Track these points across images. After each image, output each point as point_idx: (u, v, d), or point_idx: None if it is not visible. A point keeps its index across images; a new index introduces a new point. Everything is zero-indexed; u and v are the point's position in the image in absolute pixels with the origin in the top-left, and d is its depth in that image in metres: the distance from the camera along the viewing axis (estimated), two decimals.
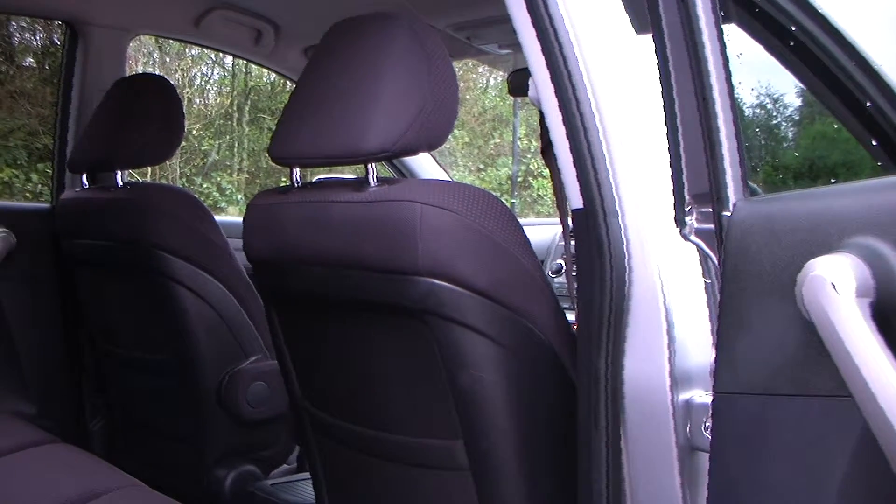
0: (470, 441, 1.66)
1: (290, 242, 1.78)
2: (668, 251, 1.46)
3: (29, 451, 2.25)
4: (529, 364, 1.63)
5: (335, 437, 1.94)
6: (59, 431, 2.63)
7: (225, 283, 2.53)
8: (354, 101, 1.66)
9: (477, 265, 1.56)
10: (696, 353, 1.45)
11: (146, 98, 2.61)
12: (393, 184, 1.65)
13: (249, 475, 2.60)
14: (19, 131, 8.68)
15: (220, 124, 10.27)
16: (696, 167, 1.41)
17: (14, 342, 3.02)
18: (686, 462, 1.45)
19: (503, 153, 11.17)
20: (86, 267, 2.80)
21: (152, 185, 2.71)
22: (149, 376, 2.71)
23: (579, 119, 1.47)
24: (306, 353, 1.96)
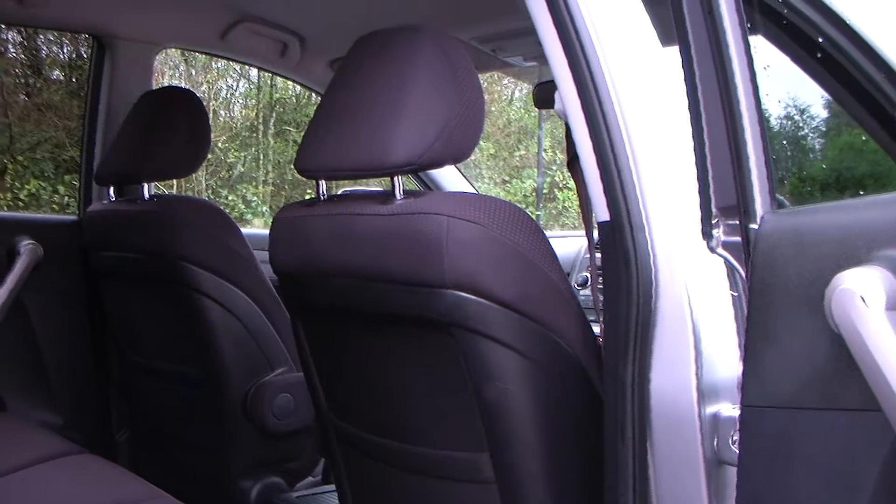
0: (496, 454, 1.65)
1: (316, 255, 1.78)
2: (695, 264, 1.45)
3: (56, 461, 2.26)
4: (556, 377, 1.62)
5: (361, 450, 1.94)
6: (86, 442, 2.64)
7: (251, 295, 2.53)
8: (381, 114, 1.66)
9: (503, 278, 1.56)
10: (723, 366, 1.44)
11: (173, 111, 2.62)
12: (419, 196, 1.65)
13: (275, 487, 2.60)
14: (46, 143, 8.74)
15: (245, 136, 10.31)
16: (723, 179, 1.41)
17: (42, 353, 3.04)
18: (713, 476, 1.44)
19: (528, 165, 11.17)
20: (113, 279, 2.81)
21: (179, 197, 2.72)
22: (175, 388, 2.72)
23: (605, 131, 1.47)
24: (332, 365, 1.96)
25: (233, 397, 2.55)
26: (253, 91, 10.61)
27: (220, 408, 2.57)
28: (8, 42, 8.84)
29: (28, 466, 2.21)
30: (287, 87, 10.38)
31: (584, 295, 3.05)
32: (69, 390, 3.09)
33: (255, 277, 2.55)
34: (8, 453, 2.29)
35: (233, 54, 3.45)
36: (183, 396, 2.70)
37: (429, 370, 1.71)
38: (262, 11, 3.07)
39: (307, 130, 1.82)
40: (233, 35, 3.15)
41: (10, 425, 2.62)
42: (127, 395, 3.06)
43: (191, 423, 2.74)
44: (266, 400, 2.53)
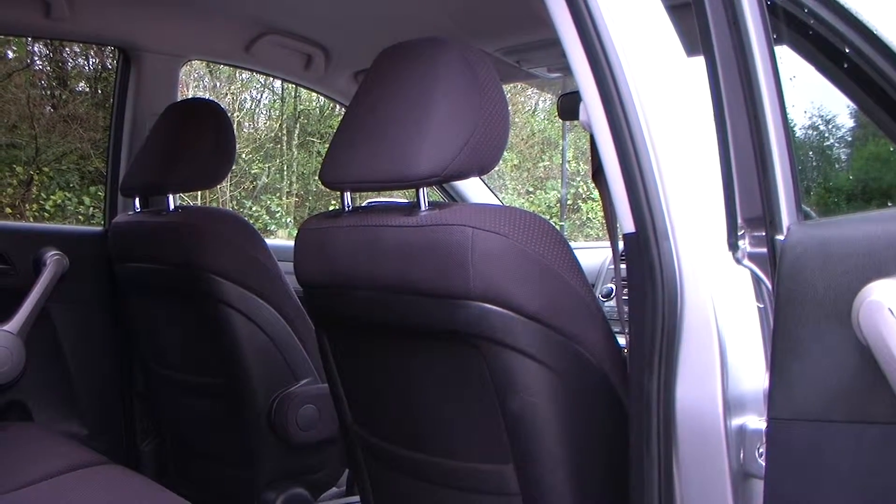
0: (521, 466, 1.65)
1: (341, 267, 1.78)
2: (721, 276, 1.45)
3: (81, 472, 2.27)
4: (581, 389, 1.62)
5: (385, 461, 1.94)
6: (111, 453, 2.65)
7: (276, 306, 2.53)
8: (405, 126, 1.66)
9: (528, 289, 1.56)
10: (750, 378, 1.43)
11: (198, 122, 2.63)
12: (444, 208, 1.65)
13: (299, 498, 2.60)
14: (72, 155, 8.80)
15: (269, 148, 10.35)
16: (749, 191, 1.40)
17: (67, 364, 3.05)
18: (739, 489, 1.43)
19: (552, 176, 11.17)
20: (138, 290, 2.82)
21: (204, 209, 2.73)
22: (199, 399, 2.73)
23: (630, 142, 1.46)
24: (357, 376, 1.96)
25: (257, 408, 2.56)
26: (277, 102, 10.65)
27: (245, 419, 2.58)
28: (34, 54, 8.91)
29: (53, 476, 2.22)
30: (311, 99, 10.42)
31: (608, 306, 3.04)
32: (94, 401, 3.10)
33: (280, 288, 2.55)
34: (33, 463, 2.30)
35: (257, 66, 3.46)
36: (207, 407, 2.71)
37: (453, 382, 1.70)
38: (286, 24, 3.09)
39: (332, 142, 1.83)
40: (257, 47, 3.17)
41: (36, 435, 2.63)
42: (151, 406, 3.07)
43: (215, 434, 2.74)
44: (290, 411, 2.53)
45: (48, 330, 3.00)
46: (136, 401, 3.12)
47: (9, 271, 2.97)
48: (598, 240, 8.70)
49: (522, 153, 11.15)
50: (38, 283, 2.90)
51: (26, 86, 8.71)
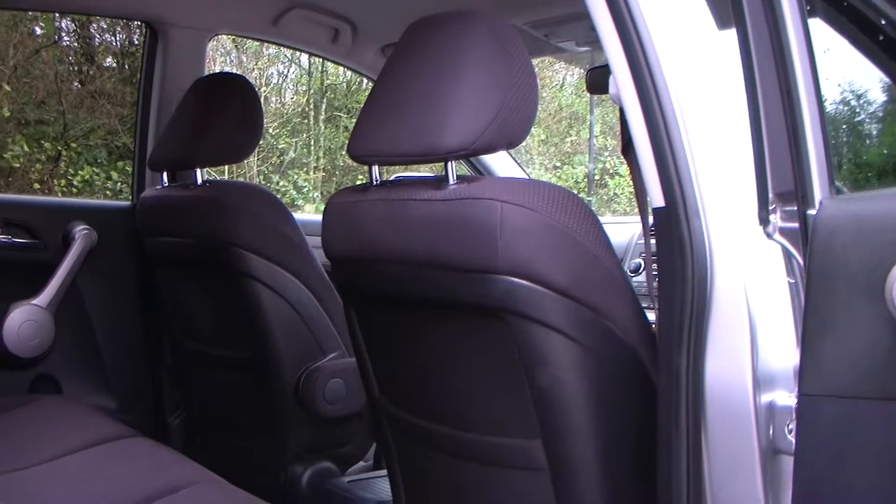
0: (548, 441, 1.65)
1: (369, 241, 1.78)
2: (751, 250, 1.44)
3: (110, 444, 2.29)
4: (609, 364, 1.61)
5: (412, 435, 1.94)
6: (139, 426, 2.67)
7: (303, 280, 2.54)
8: (434, 100, 1.66)
9: (557, 264, 1.55)
10: (780, 354, 1.42)
11: (225, 97, 2.63)
12: (472, 182, 1.65)
13: (326, 472, 2.61)
14: (100, 130, 8.83)
15: (296, 122, 10.35)
16: (781, 165, 1.39)
17: (96, 338, 3.07)
18: (768, 465, 1.43)
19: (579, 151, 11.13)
20: (166, 264, 2.83)
21: (231, 183, 2.73)
22: (227, 373, 2.74)
23: (661, 116, 1.45)
24: (384, 350, 1.96)
25: (284, 382, 2.56)
26: (304, 77, 10.65)
27: (272, 393, 2.58)
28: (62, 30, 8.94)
29: (83, 449, 2.24)
30: (338, 73, 10.41)
31: (636, 282, 3.03)
32: (123, 374, 3.12)
33: (308, 263, 2.56)
34: (63, 436, 2.32)
35: (284, 40, 3.45)
36: (235, 381, 2.72)
37: (481, 357, 1.70)
38: None
39: (360, 116, 1.82)
40: (285, 21, 3.16)
41: (66, 408, 2.65)
42: (179, 380, 3.09)
43: (242, 407, 2.75)
44: (318, 385, 2.54)
45: (77, 304, 3.02)
46: (165, 374, 3.14)
47: (38, 246, 2.98)
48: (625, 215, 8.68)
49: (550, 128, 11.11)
50: (67, 257, 2.92)
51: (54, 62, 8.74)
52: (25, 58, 8.52)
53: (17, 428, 2.42)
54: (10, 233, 2.96)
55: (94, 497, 1.93)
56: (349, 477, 2.61)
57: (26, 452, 2.20)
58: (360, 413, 2.57)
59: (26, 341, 2.83)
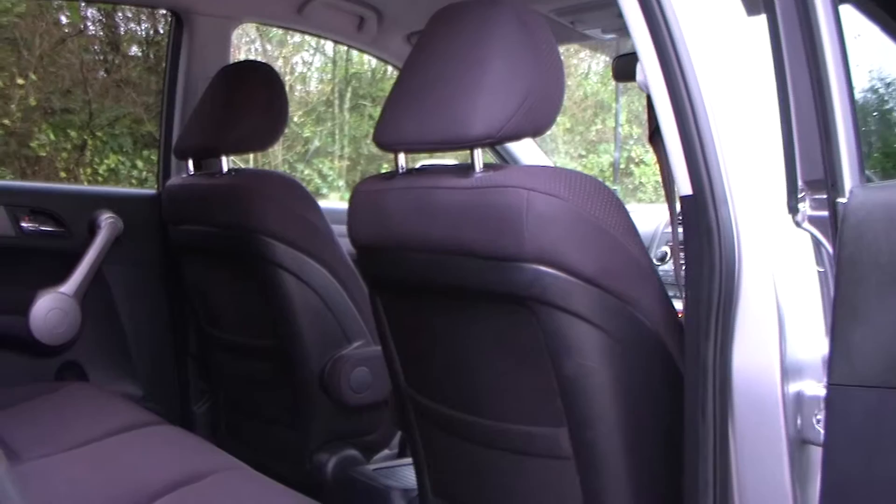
0: (574, 430, 1.64)
1: (395, 228, 1.78)
2: (780, 239, 1.43)
3: (136, 431, 2.30)
4: (635, 353, 1.60)
5: (438, 423, 1.94)
6: (165, 413, 2.68)
7: (329, 268, 2.54)
8: (460, 87, 1.65)
9: (584, 252, 1.55)
10: (808, 343, 1.42)
11: (251, 85, 2.63)
12: (498, 170, 1.64)
13: (351, 460, 2.61)
14: (125, 119, 8.86)
15: (321, 111, 10.36)
16: (810, 153, 1.38)
17: (122, 325, 3.08)
18: (796, 455, 1.42)
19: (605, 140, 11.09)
20: (191, 252, 2.84)
21: (257, 171, 2.74)
22: (252, 361, 2.74)
23: (689, 104, 1.44)
24: (410, 338, 1.96)
25: (310, 370, 2.57)
26: (328, 65, 10.65)
27: (297, 381, 2.59)
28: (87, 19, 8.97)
29: (109, 436, 2.25)
30: (363, 62, 10.41)
31: (662, 270, 3.02)
32: (148, 362, 3.14)
33: (333, 251, 2.55)
34: (89, 423, 2.33)
35: (310, 28, 3.45)
36: (260, 369, 2.72)
37: (508, 345, 1.70)
38: None
39: (385, 104, 1.82)
40: (310, 9, 3.16)
41: (92, 395, 2.66)
42: (204, 368, 3.10)
43: (268, 395, 2.76)
44: (343, 373, 2.54)
45: (103, 292, 3.04)
46: (190, 362, 3.15)
47: (64, 234, 3.00)
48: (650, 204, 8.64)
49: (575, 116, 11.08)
50: (93, 245, 2.93)
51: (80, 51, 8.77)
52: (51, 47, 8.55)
53: (43, 415, 2.44)
54: (37, 221, 2.97)
55: (119, 483, 1.93)
56: (374, 465, 2.61)
57: (53, 439, 2.22)
58: (385, 401, 2.56)
59: (53, 329, 2.85)
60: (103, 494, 1.88)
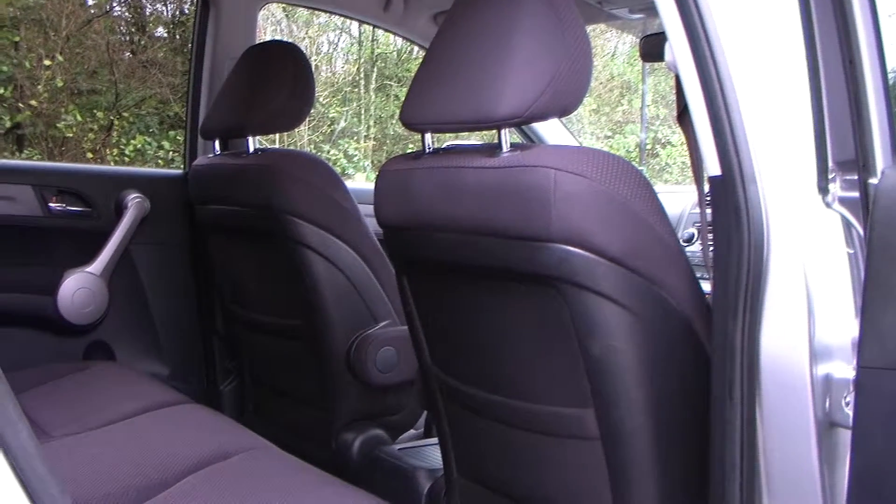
0: (601, 410, 1.64)
1: (422, 208, 1.77)
2: (810, 220, 1.42)
3: (163, 410, 2.31)
4: (663, 333, 1.60)
5: (464, 404, 1.94)
6: (191, 393, 2.69)
7: (355, 248, 2.53)
8: (487, 67, 1.64)
9: (611, 232, 1.54)
10: (838, 325, 1.41)
11: (277, 65, 2.62)
12: (525, 149, 1.63)
13: (377, 440, 2.62)
14: (151, 100, 8.89)
15: (347, 92, 10.36)
16: (841, 133, 1.37)
17: (148, 305, 3.10)
18: (824, 438, 1.41)
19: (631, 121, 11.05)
20: (218, 232, 2.84)
21: (284, 151, 2.74)
22: (279, 340, 2.75)
23: (718, 83, 1.43)
24: (436, 319, 1.96)
25: (336, 350, 2.57)
26: (354, 46, 10.65)
27: (323, 360, 2.59)
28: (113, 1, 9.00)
29: (136, 415, 2.26)
30: (388, 42, 10.40)
31: (689, 252, 3.00)
32: (175, 341, 3.15)
33: (359, 231, 2.55)
34: (117, 402, 2.35)
35: (336, 8, 3.44)
36: (286, 349, 2.73)
37: (534, 325, 1.69)
38: None
39: (412, 84, 1.81)
40: None
41: (119, 374, 2.68)
42: (231, 348, 3.11)
43: (294, 374, 2.76)
44: (369, 353, 2.54)
45: (130, 272, 3.05)
46: (216, 342, 3.16)
47: (91, 214, 3.01)
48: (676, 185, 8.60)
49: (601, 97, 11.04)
50: (120, 225, 2.95)
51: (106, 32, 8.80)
52: (78, 28, 8.59)
53: (71, 394, 2.45)
54: (64, 201, 2.99)
55: (147, 462, 1.94)
56: (400, 445, 2.61)
57: (81, 418, 2.23)
58: (411, 381, 2.57)
59: (80, 308, 2.87)
60: (130, 472, 1.89)
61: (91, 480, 1.86)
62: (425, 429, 2.77)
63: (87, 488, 1.82)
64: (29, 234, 2.94)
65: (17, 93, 8.21)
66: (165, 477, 1.90)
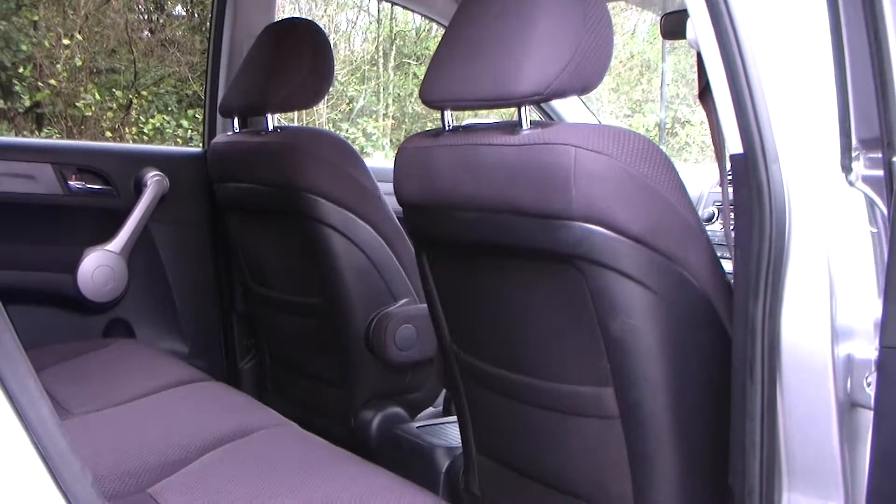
0: (620, 389, 1.64)
1: (442, 186, 1.77)
2: (832, 198, 1.41)
3: (183, 388, 2.32)
4: (683, 312, 1.59)
5: (483, 382, 1.94)
6: (211, 370, 2.70)
7: (375, 226, 2.53)
8: (507, 44, 1.63)
9: (632, 210, 1.53)
10: (860, 305, 1.40)
11: (296, 43, 2.62)
12: (546, 127, 1.63)
13: (396, 418, 2.62)
14: (170, 79, 8.89)
15: (365, 70, 10.35)
16: (865, 110, 1.35)
17: (168, 283, 3.11)
18: (845, 418, 1.41)
19: (650, 99, 11.00)
20: (237, 210, 2.85)
21: (303, 129, 2.73)
22: (298, 318, 2.75)
23: (740, 60, 1.42)
24: (456, 297, 1.95)
25: (355, 328, 2.57)
26: (373, 24, 10.62)
27: (343, 338, 2.60)
28: None
29: (156, 392, 2.27)
30: (407, 20, 10.37)
31: (709, 231, 2.99)
32: (194, 319, 3.16)
33: (379, 209, 2.55)
34: (137, 379, 2.36)
35: None
36: (305, 327, 2.73)
37: (554, 304, 1.69)
38: None
39: (432, 61, 1.81)
40: None
41: (139, 352, 2.69)
42: (250, 326, 3.12)
43: (313, 353, 2.77)
44: (388, 331, 2.54)
45: (149, 250, 3.06)
46: (236, 319, 3.17)
47: (111, 192, 3.02)
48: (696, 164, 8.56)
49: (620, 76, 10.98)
50: (140, 203, 2.96)
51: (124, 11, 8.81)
52: (96, 7, 8.60)
53: (91, 371, 2.47)
54: (84, 179, 3.00)
55: (167, 438, 1.95)
56: (419, 423, 2.62)
57: (101, 395, 2.24)
58: (430, 359, 2.57)
59: (100, 286, 2.88)
60: (150, 449, 1.90)
61: (111, 457, 1.87)
62: (444, 407, 2.77)
63: (107, 464, 1.83)
64: (48, 213, 2.95)
65: (36, 72, 8.22)
66: (185, 454, 1.91)
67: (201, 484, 1.77)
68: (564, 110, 3.58)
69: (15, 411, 1.00)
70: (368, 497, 1.68)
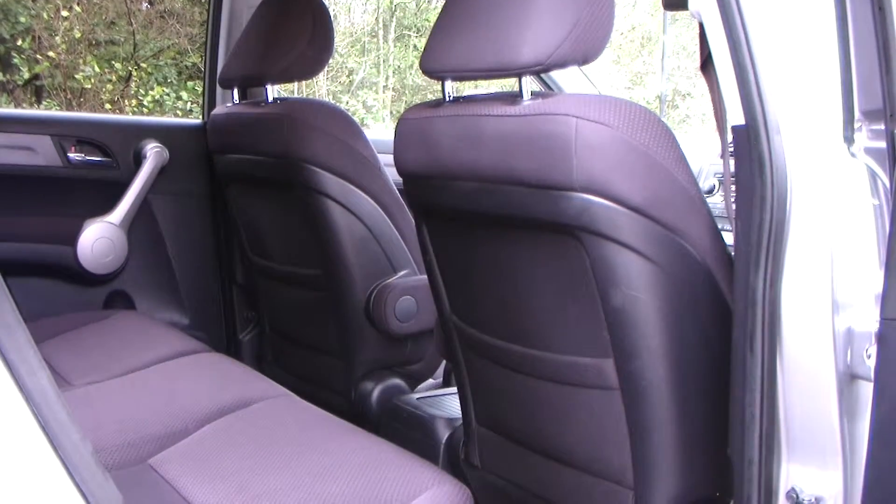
0: (620, 360, 1.64)
1: (443, 157, 1.76)
2: (834, 170, 1.40)
3: (184, 359, 2.32)
4: (684, 284, 1.59)
5: (483, 353, 1.94)
6: (211, 342, 2.70)
7: (375, 197, 2.53)
8: (508, 14, 1.62)
9: (633, 181, 1.53)
10: (860, 277, 1.40)
11: (296, 13, 2.60)
12: (547, 98, 1.62)
13: (396, 389, 2.63)
14: (169, 51, 8.87)
15: (365, 42, 10.31)
16: (868, 81, 1.35)
17: (168, 255, 3.11)
18: (845, 390, 1.41)
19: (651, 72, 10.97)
20: (237, 182, 2.84)
21: (303, 100, 2.72)
22: (298, 290, 2.76)
23: (742, 30, 1.41)
24: (456, 268, 1.95)
25: (355, 299, 2.57)
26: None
27: (343, 310, 2.60)
28: None
29: (157, 363, 2.28)
30: None
31: (710, 203, 2.98)
32: (195, 291, 3.16)
33: (379, 180, 2.55)
34: (137, 350, 2.36)
35: None
36: (305, 298, 2.73)
37: (554, 275, 1.69)
38: None
39: (432, 32, 1.80)
40: None
41: (139, 323, 2.69)
42: (251, 297, 3.12)
43: (313, 324, 2.77)
44: (388, 302, 2.54)
45: (149, 221, 3.06)
46: (236, 290, 3.17)
47: (110, 164, 3.02)
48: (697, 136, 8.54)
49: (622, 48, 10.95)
50: (139, 175, 2.95)
51: None
52: None
53: (92, 342, 2.47)
54: (84, 151, 2.99)
55: (167, 410, 1.96)
56: (418, 394, 2.62)
57: (101, 366, 2.25)
58: (430, 330, 2.57)
59: (100, 258, 2.88)
60: (151, 420, 1.91)
61: (112, 427, 1.87)
62: (444, 378, 2.78)
63: (107, 435, 1.84)
64: (48, 184, 2.95)
65: (35, 44, 8.20)
66: (186, 425, 1.91)
67: (202, 455, 1.77)
68: (565, 82, 3.57)
69: (14, 382, 1.00)
70: (369, 467, 1.68)
